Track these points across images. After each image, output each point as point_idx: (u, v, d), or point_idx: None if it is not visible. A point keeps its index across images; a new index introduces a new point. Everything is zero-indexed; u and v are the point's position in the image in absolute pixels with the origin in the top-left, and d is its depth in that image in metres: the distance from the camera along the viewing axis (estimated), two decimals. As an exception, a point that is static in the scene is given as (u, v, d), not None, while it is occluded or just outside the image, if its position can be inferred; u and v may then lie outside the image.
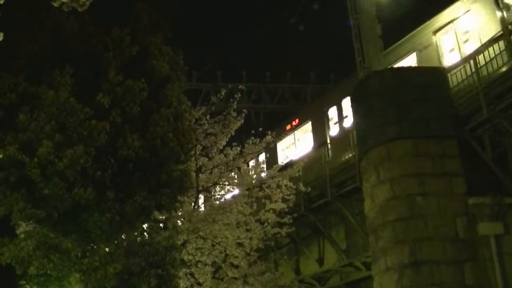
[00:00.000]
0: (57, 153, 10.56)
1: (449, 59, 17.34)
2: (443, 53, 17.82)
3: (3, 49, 9.42)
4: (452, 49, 17.44)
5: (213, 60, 32.88)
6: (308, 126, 23.07)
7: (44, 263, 10.90)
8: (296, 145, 22.81)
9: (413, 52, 18.61)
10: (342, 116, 22.12)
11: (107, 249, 11.41)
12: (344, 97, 21.20)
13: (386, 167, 15.34)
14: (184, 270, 16.42)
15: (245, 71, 31.07)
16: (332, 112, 22.66)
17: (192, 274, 17.25)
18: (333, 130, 22.35)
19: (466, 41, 16.96)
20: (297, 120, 17.54)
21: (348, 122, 20.80)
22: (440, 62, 17.50)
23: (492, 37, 14.98)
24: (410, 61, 18.55)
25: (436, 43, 18.00)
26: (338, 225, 20.28)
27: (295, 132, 22.14)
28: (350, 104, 19.54)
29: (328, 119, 22.65)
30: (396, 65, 18.75)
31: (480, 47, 15.06)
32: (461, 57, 16.51)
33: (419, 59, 18.23)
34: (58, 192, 10.52)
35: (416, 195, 14.78)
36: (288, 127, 17.75)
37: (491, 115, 14.62)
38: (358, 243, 19.08)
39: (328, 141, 20.24)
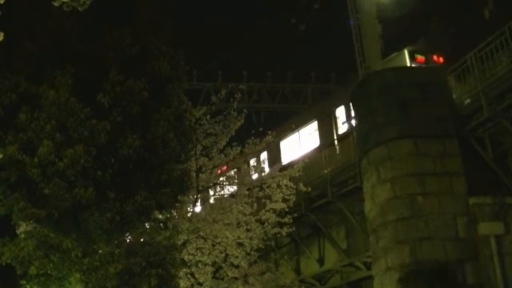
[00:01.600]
0: (57, 153, 10.55)
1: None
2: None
3: (3, 48, 9.41)
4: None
5: (214, 59, 32.85)
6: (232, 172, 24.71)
7: (44, 263, 10.88)
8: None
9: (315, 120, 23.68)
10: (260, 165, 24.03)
11: (107, 249, 11.40)
12: (263, 151, 23.08)
13: (386, 167, 15.34)
14: (184, 270, 16.43)
15: (246, 71, 31.04)
16: (252, 161, 24.31)
17: (192, 274, 17.26)
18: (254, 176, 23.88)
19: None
20: (225, 168, 18.58)
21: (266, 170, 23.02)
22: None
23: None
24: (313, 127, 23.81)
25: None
26: (339, 224, 20.29)
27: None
28: (267, 157, 22.81)
29: (249, 167, 24.16)
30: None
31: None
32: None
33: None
34: (59, 192, 10.50)
35: (416, 195, 14.78)
36: (219, 171, 18.91)
37: (492, 115, 14.62)
38: (358, 243, 19.08)
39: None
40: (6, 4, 7.36)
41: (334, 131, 22.89)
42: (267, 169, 23.60)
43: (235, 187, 18.77)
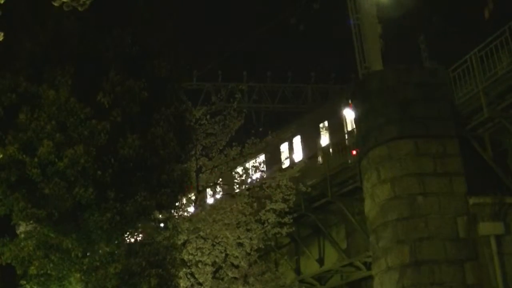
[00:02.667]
0: (57, 153, 10.55)
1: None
2: None
3: (4, 49, 9.41)
4: None
5: (214, 59, 32.74)
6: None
7: (44, 263, 10.88)
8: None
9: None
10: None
11: (107, 249, 11.40)
12: (217, 179, 23.60)
13: (386, 167, 15.34)
14: (184, 270, 16.43)
15: (246, 71, 30.99)
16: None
17: (192, 274, 17.26)
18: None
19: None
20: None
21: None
22: None
23: None
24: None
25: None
26: (339, 224, 20.28)
27: None
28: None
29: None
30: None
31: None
32: None
33: None
34: (59, 192, 10.51)
35: (416, 195, 14.77)
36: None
37: (492, 115, 14.62)
38: (358, 243, 19.08)
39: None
40: (6, 4, 7.35)
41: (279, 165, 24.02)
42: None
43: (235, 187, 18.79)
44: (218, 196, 19.24)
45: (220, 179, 18.95)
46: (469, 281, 14.07)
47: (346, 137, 21.09)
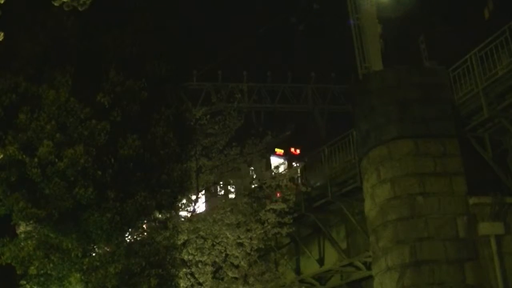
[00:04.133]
0: (57, 153, 10.55)
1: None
2: None
3: (3, 48, 9.41)
4: None
5: (214, 59, 32.73)
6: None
7: (44, 263, 10.87)
8: None
9: None
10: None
11: (107, 249, 11.40)
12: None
13: (386, 167, 15.34)
14: (184, 270, 16.43)
15: (246, 71, 30.97)
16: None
17: (192, 274, 17.26)
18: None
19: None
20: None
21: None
22: None
23: None
24: None
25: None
26: (339, 224, 20.27)
27: None
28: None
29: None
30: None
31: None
32: None
33: None
34: (59, 192, 10.51)
35: (416, 195, 14.78)
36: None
37: (492, 115, 14.62)
38: (358, 243, 19.07)
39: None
40: (6, 4, 7.34)
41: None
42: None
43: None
44: (218, 196, 19.28)
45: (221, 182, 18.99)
46: (469, 281, 14.07)
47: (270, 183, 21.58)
